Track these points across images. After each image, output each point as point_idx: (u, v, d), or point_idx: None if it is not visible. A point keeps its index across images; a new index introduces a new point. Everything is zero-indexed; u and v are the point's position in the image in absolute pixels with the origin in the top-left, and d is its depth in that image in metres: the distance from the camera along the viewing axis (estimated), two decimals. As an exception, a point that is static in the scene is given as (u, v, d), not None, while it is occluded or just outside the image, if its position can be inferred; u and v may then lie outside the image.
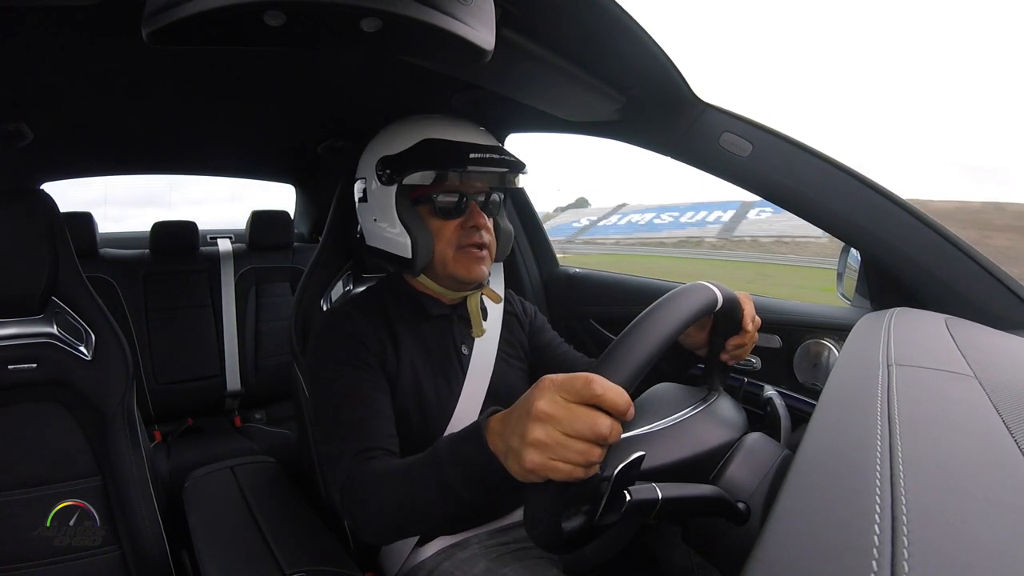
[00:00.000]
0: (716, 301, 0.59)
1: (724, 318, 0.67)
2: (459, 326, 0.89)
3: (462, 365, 0.87)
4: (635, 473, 0.47)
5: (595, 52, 0.76)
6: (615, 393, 0.44)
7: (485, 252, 0.83)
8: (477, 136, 0.84)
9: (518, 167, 0.82)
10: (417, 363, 0.83)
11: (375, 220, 0.85)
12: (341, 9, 0.48)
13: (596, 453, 0.44)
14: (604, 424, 0.44)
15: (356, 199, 0.90)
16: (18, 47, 0.77)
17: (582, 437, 0.44)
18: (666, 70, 0.81)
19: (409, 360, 0.82)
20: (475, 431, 0.53)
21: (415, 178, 0.79)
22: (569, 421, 0.44)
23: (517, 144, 1.30)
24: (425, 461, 0.58)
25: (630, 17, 0.67)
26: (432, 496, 0.56)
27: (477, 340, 0.88)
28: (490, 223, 0.84)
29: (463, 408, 0.84)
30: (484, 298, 0.89)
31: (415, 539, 0.84)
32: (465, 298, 0.87)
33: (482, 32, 0.54)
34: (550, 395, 0.45)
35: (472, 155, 0.78)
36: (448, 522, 0.59)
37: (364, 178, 0.86)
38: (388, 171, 0.80)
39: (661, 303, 0.53)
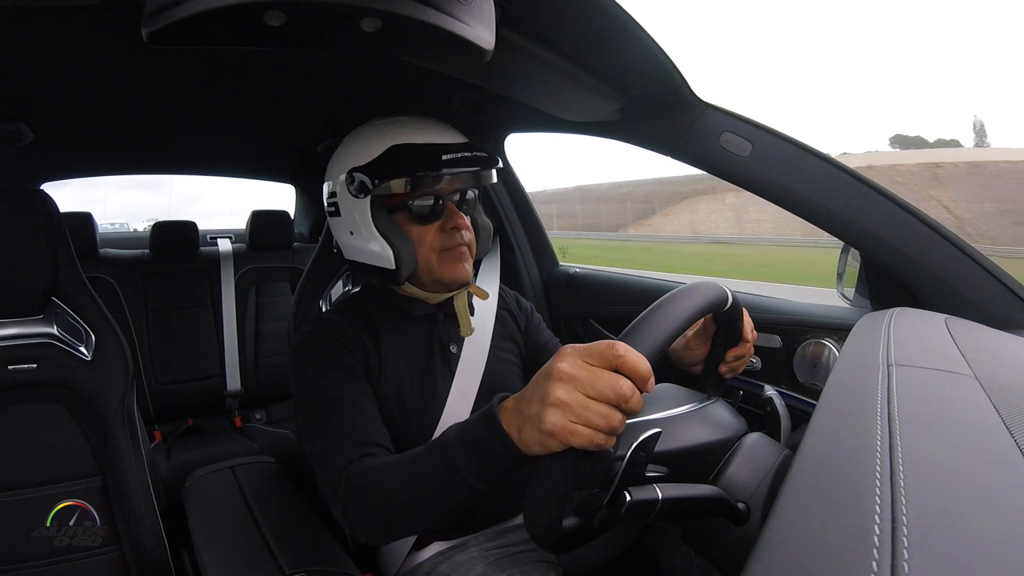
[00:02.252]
0: (727, 299, 0.61)
1: (728, 324, 0.67)
2: (446, 325, 0.87)
3: (449, 364, 0.86)
4: (649, 453, 0.47)
5: (595, 52, 0.76)
6: (637, 356, 0.44)
7: (467, 251, 0.81)
8: (446, 135, 0.81)
9: (491, 163, 0.80)
10: (399, 365, 0.82)
11: (351, 234, 0.82)
12: (341, 9, 0.48)
13: (618, 419, 0.44)
14: (627, 386, 0.44)
15: (327, 213, 0.87)
16: (18, 47, 0.77)
17: (605, 399, 0.44)
18: (666, 70, 0.80)
19: (391, 362, 0.81)
20: (487, 411, 0.52)
21: (389, 187, 0.76)
22: (591, 382, 0.44)
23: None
24: (432, 447, 0.58)
25: (630, 17, 0.67)
26: (438, 484, 0.55)
27: (467, 337, 0.87)
28: (468, 221, 0.83)
29: (452, 407, 0.83)
30: (472, 296, 0.88)
31: (412, 540, 0.83)
32: (451, 298, 0.85)
33: (482, 32, 0.54)
34: (572, 359, 0.46)
35: (445, 156, 0.76)
36: (451, 516, 0.58)
37: (333, 191, 0.82)
38: (359, 182, 0.77)
39: (679, 291, 0.55)
